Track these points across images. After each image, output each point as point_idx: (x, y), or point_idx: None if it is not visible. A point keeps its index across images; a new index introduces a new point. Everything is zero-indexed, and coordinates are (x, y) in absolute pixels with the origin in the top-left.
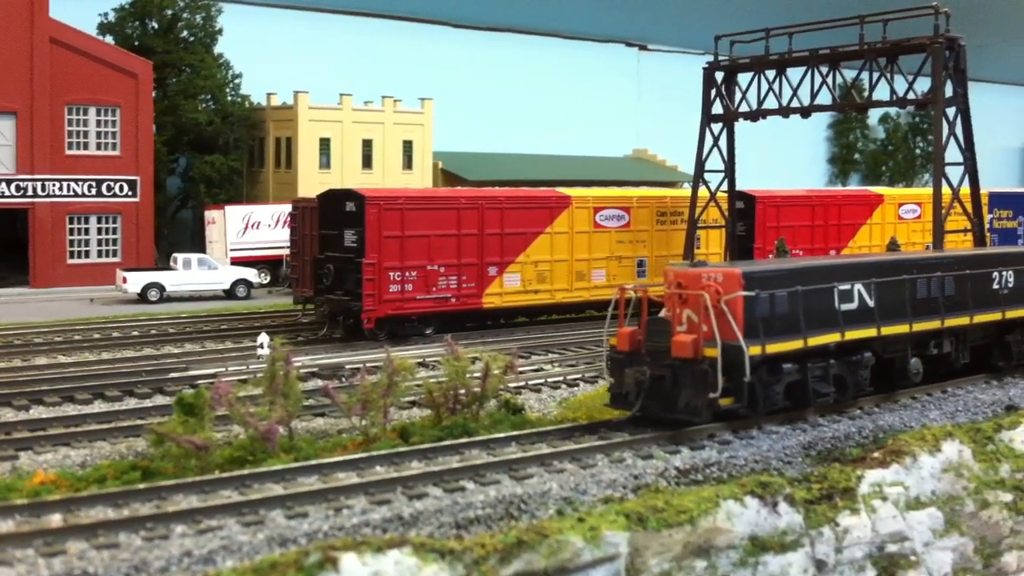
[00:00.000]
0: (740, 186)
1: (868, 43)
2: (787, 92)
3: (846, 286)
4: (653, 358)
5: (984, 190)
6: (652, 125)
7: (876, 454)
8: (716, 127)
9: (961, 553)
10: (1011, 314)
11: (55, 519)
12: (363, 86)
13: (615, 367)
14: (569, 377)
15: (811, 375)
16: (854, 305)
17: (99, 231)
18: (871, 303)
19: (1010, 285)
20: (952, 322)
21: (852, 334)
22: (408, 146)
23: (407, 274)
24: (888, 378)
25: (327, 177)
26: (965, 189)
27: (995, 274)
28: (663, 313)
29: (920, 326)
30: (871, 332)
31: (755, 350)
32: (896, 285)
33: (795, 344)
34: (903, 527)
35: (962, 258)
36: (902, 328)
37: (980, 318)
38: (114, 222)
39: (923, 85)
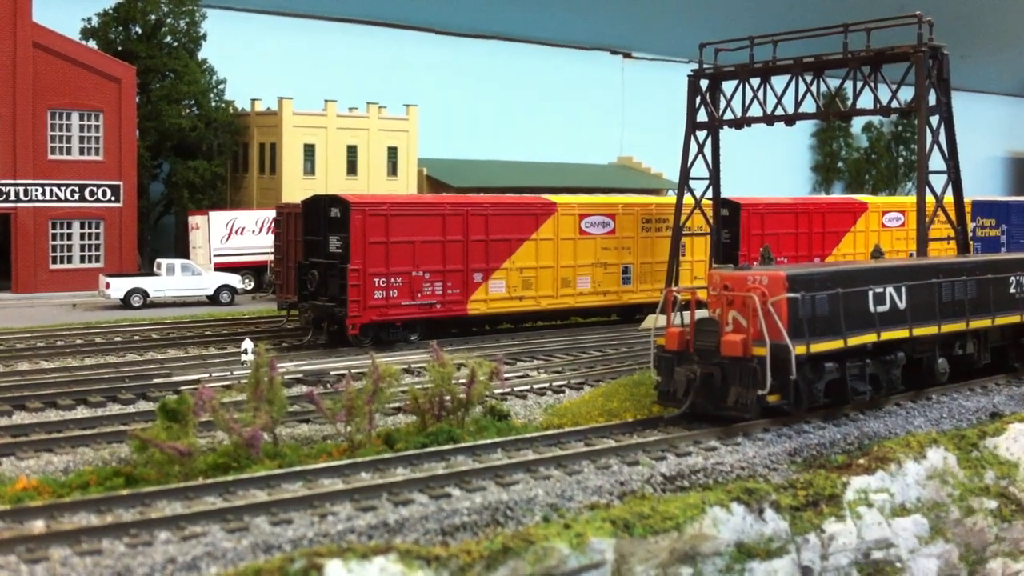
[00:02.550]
0: (725, 193)
1: (852, 51)
2: (771, 100)
3: (880, 289)
4: (702, 357)
5: (967, 199)
6: (636, 133)
7: (861, 461)
8: (701, 135)
9: (946, 560)
10: None
11: (38, 525)
12: (348, 92)
13: (664, 366)
14: (555, 384)
15: (849, 373)
16: (887, 307)
17: (82, 236)
18: (902, 305)
19: None
20: (976, 324)
21: (887, 334)
22: (393, 152)
23: (392, 280)
24: (917, 377)
25: (311, 183)
26: (948, 197)
27: (1012, 279)
28: (707, 313)
29: (947, 327)
30: (904, 333)
31: (800, 349)
32: (925, 288)
33: (836, 344)
34: (888, 534)
35: (984, 263)
36: (931, 329)
37: (1000, 320)
38: (97, 227)
39: (907, 94)
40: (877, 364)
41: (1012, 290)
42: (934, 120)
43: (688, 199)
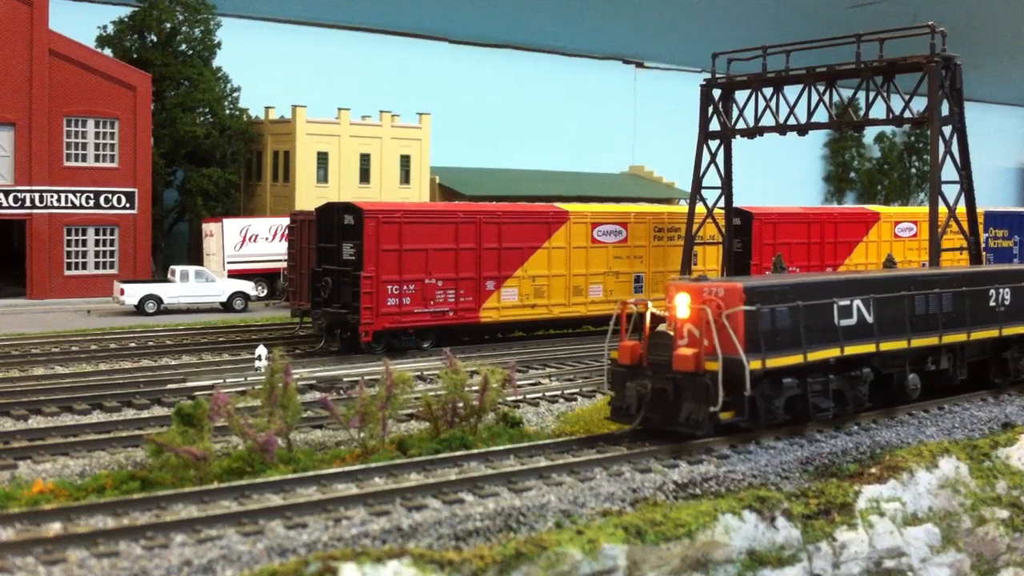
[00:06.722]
0: (737, 203)
1: (865, 61)
2: (784, 110)
3: (845, 302)
4: (655, 371)
5: (980, 209)
6: (648, 142)
7: (873, 470)
8: (713, 144)
9: (958, 569)
10: (1008, 331)
11: (54, 527)
12: (361, 101)
13: (617, 380)
14: (567, 391)
15: (811, 390)
16: (853, 320)
17: (96, 243)
18: (870, 319)
19: (1007, 302)
20: (950, 338)
21: (851, 349)
22: (405, 161)
23: (405, 287)
24: (887, 393)
25: (324, 191)
26: (961, 208)
27: (991, 291)
28: (665, 327)
29: (918, 342)
30: (870, 348)
31: (756, 364)
32: (895, 301)
33: (795, 359)
34: (900, 543)
35: (959, 275)
36: (900, 344)
37: (977, 334)
38: (111, 234)
39: (919, 104)
40: (842, 380)
41: (991, 303)
42: (947, 130)
43: (700, 208)
